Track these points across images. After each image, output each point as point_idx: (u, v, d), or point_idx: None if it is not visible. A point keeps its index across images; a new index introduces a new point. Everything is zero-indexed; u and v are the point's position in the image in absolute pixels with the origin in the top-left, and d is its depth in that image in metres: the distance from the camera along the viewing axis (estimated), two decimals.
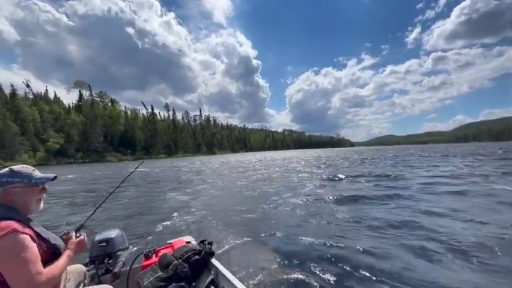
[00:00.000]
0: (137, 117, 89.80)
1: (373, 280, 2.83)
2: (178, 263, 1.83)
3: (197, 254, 1.97)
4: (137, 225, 5.80)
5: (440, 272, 2.94)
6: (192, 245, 2.11)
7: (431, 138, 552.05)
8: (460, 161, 19.71)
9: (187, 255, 1.92)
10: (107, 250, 1.99)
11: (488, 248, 3.46)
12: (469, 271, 2.94)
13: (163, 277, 1.73)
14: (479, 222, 4.59)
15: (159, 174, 18.98)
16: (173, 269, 1.78)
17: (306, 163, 25.17)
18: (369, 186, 9.09)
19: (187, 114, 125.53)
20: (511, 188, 7.59)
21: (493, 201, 6.11)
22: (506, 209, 5.48)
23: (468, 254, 3.30)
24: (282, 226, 5.01)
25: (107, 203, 7.37)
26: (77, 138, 65.11)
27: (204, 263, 2.00)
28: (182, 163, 37.57)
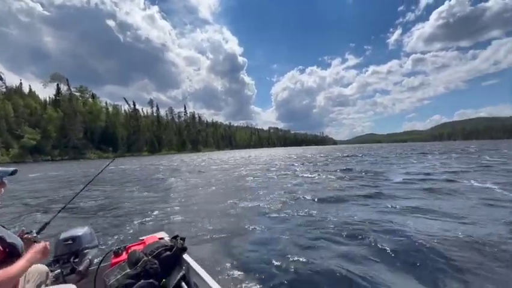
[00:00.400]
0: (119, 113, 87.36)
1: (340, 276, 2.93)
2: (148, 259, 1.80)
3: (168, 250, 1.96)
4: (109, 223, 5.77)
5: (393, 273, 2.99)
6: (164, 241, 2.11)
7: (410, 137, 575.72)
8: (433, 158, 21.21)
9: (157, 251, 1.90)
10: (72, 248, 1.91)
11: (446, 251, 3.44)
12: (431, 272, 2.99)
13: (131, 274, 1.69)
14: (447, 220, 4.77)
15: (135, 173, 18.86)
16: (142, 266, 1.75)
17: (289, 160, 25.94)
18: (347, 183, 9.56)
19: (172, 110, 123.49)
20: (478, 183, 8.56)
21: (463, 199, 6.48)
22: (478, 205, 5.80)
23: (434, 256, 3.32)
24: (256, 223, 5.14)
25: (79, 202, 7.59)
26: (54, 134, 62.57)
27: (176, 258, 1.99)
28: (161, 161, 37.26)
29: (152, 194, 9.44)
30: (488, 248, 3.51)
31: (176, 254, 1.98)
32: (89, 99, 79.97)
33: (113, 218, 6.26)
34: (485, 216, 4.94)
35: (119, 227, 5.40)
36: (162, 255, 1.89)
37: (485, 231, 4.15)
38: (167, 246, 1.98)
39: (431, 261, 3.19)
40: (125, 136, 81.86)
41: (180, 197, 8.45)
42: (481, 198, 6.47)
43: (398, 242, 3.76)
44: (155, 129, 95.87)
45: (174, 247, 1.99)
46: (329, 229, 4.50)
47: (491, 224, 4.50)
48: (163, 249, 1.93)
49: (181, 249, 2.04)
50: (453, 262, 3.14)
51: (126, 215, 6.49)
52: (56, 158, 59.70)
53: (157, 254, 1.88)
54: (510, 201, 6.11)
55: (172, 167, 23.86)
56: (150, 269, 1.75)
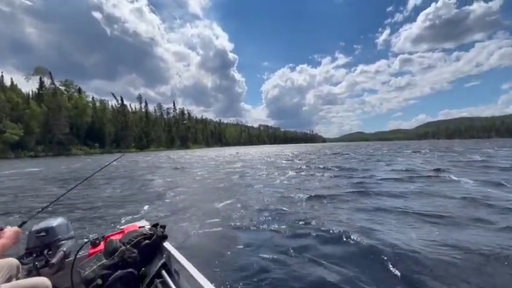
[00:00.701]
0: (106, 108, 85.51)
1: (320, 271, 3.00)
2: (126, 248, 1.76)
3: (147, 239, 1.93)
4: (87, 214, 5.72)
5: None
6: (143, 229, 2.06)
7: (396, 136, 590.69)
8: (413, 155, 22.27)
9: (136, 240, 1.87)
10: (46, 240, 1.83)
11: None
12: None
13: (107, 264, 1.65)
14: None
15: (120, 169, 18.82)
16: (120, 256, 1.70)
17: (277, 158, 26.50)
18: (332, 181, 9.77)
19: (160, 106, 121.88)
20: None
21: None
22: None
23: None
24: (238, 216, 5.29)
25: (62, 200, 7.52)
26: (38, 129, 60.71)
27: (156, 247, 1.96)
28: (147, 158, 37.10)
29: (135, 188, 9.63)
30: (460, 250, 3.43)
31: (156, 242, 1.96)
32: (75, 93, 77.79)
33: (93, 209, 6.22)
34: (464, 214, 4.98)
35: (98, 218, 5.35)
36: (141, 244, 1.86)
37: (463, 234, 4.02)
38: (147, 234, 1.95)
39: (405, 264, 3.10)
40: (112, 132, 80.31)
41: (164, 190, 8.67)
42: (461, 195, 6.54)
43: (375, 243, 3.64)
44: (143, 126, 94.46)
45: (154, 235, 1.97)
46: (307, 226, 4.55)
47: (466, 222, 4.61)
48: (142, 238, 1.90)
49: (161, 237, 2.01)
50: (427, 263, 3.10)
51: (107, 206, 6.52)
52: (40, 154, 58.00)
53: (136, 243, 1.85)
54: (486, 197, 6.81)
55: (157, 163, 23.95)
56: (128, 258, 1.71)
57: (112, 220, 5.25)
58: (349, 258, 3.31)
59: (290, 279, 2.87)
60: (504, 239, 3.75)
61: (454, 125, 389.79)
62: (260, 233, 4.36)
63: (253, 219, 5.12)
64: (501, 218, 4.72)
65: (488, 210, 5.25)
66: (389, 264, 3.09)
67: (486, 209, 5.32)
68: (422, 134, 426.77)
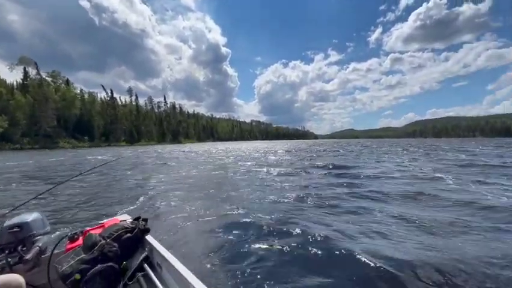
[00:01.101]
0: (95, 100, 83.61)
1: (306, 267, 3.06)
2: (106, 242, 1.73)
3: (129, 232, 1.90)
4: (66, 208, 5.58)
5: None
6: (124, 223, 2.04)
7: (386, 133, 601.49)
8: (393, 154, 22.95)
9: (117, 233, 1.84)
10: (20, 236, 1.73)
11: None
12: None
13: (86, 259, 1.60)
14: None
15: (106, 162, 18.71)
16: (100, 250, 1.66)
17: (266, 154, 26.80)
18: (318, 177, 10.09)
19: (151, 100, 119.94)
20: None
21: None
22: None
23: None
24: (224, 209, 5.37)
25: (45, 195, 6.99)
26: (23, 121, 58.94)
27: (137, 240, 1.94)
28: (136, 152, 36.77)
29: (117, 183, 9.56)
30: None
31: (137, 236, 1.94)
32: (62, 85, 75.61)
33: (71, 205, 6.05)
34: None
35: (77, 213, 5.20)
36: (122, 238, 1.84)
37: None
38: (128, 228, 1.94)
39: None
40: (101, 125, 78.76)
41: (146, 185, 8.73)
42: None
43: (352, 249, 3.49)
44: (134, 119, 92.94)
45: (136, 229, 1.96)
46: (291, 222, 4.58)
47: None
48: (124, 231, 1.88)
49: (143, 230, 2.00)
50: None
51: (86, 202, 6.32)
52: (25, 146, 56.48)
53: (117, 237, 1.82)
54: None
55: (143, 157, 23.86)
56: (109, 252, 1.68)
57: (92, 215, 5.10)
58: (329, 258, 3.28)
59: (273, 272, 2.94)
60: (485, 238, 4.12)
61: (441, 124, 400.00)
62: (243, 226, 4.41)
63: (237, 213, 5.20)
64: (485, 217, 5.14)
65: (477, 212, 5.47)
66: (368, 267, 2.99)
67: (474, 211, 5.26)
68: (411, 132, 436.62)
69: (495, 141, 61.01)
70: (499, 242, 3.75)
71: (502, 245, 3.67)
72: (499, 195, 6.51)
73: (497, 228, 4.31)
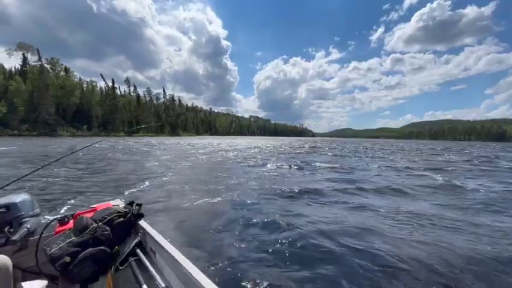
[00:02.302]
0: (94, 90, 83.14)
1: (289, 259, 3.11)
2: (98, 225, 1.68)
3: (122, 216, 1.86)
4: (58, 192, 5.51)
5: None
6: (117, 207, 1.99)
7: (383, 134, 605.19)
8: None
9: (109, 217, 1.80)
10: (6, 217, 1.67)
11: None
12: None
13: (77, 242, 1.54)
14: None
15: (105, 151, 19.14)
16: (91, 233, 1.61)
17: (263, 154, 27.09)
18: (303, 174, 10.11)
19: (150, 91, 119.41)
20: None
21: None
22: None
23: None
24: (217, 196, 5.55)
25: (33, 179, 6.90)
26: (22, 108, 58.65)
27: (130, 225, 1.91)
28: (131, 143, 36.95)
29: (110, 169, 9.70)
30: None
31: (130, 220, 1.91)
32: (62, 72, 74.99)
33: (63, 189, 5.90)
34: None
35: (68, 197, 5.10)
36: (115, 222, 1.80)
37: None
38: (121, 212, 1.90)
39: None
40: (101, 115, 78.50)
41: (141, 173, 8.94)
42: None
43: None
44: (133, 110, 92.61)
45: (129, 213, 1.92)
46: (285, 215, 4.64)
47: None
48: (116, 216, 1.84)
49: (137, 215, 1.96)
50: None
51: (79, 186, 6.20)
52: (23, 133, 56.31)
53: (109, 221, 1.78)
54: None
55: (138, 147, 24.10)
56: (101, 235, 1.63)
57: (84, 199, 4.99)
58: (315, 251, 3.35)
59: (266, 259, 3.05)
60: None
61: (438, 126, 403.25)
62: (235, 212, 4.60)
63: (229, 200, 5.41)
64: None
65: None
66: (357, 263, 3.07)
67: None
68: (407, 134, 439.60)
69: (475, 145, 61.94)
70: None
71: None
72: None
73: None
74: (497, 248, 3.55)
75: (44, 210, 4.19)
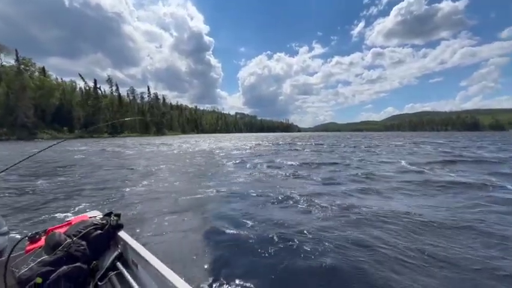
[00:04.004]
0: (75, 90, 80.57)
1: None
2: (72, 241, 1.56)
3: (99, 229, 1.77)
4: (27, 206, 5.08)
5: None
6: (94, 219, 1.89)
7: (366, 127, 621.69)
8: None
9: (85, 231, 1.69)
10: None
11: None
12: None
13: (49, 261, 1.41)
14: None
15: (69, 156, 18.13)
16: (65, 250, 1.49)
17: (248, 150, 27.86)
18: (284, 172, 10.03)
19: (133, 90, 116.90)
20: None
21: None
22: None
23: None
24: (200, 203, 5.27)
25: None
26: None
27: (109, 237, 1.82)
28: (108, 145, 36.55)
29: (87, 176, 8.89)
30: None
31: (109, 232, 1.82)
32: (36, 73, 71.97)
33: (32, 201, 5.50)
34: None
35: (39, 211, 4.67)
36: (92, 235, 1.70)
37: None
38: (98, 224, 1.80)
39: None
40: (82, 116, 76.36)
41: (119, 179, 8.23)
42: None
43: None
44: (116, 110, 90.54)
45: (107, 225, 1.83)
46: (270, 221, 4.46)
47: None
48: (93, 229, 1.74)
49: (116, 226, 1.87)
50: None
51: (51, 197, 5.72)
52: (1, 137, 54.05)
53: (85, 235, 1.67)
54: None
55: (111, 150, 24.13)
56: (76, 251, 1.52)
57: (57, 212, 4.56)
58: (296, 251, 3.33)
59: (253, 270, 2.91)
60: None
61: (417, 118, 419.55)
62: (221, 220, 4.34)
63: (214, 207, 5.14)
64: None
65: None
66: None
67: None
68: (389, 126, 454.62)
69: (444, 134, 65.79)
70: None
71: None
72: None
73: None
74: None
75: (12, 228, 3.89)
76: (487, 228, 4.03)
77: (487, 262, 3.05)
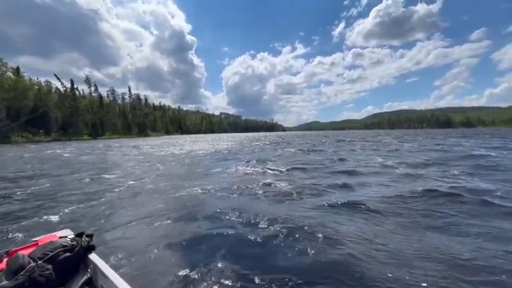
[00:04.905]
0: (51, 91, 76.70)
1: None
2: (37, 265, 1.44)
3: (68, 251, 1.65)
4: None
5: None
6: (63, 240, 1.76)
7: (348, 125, 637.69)
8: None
9: (52, 253, 1.56)
10: None
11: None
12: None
13: (8, 287, 1.29)
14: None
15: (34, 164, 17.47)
16: (27, 274, 1.36)
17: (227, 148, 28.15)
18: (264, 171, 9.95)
19: (113, 91, 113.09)
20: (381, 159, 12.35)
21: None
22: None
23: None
24: (179, 216, 4.83)
25: None
26: None
27: (79, 260, 1.72)
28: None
29: (55, 188, 7.75)
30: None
31: (79, 254, 1.71)
32: (8, 73, 67.82)
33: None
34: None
35: (3, 227, 4.32)
36: (59, 258, 1.58)
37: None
38: (68, 246, 1.68)
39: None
40: (60, 118, 72.90)
41: (92, 191, 7.26)
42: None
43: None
44: (96, 111, 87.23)
45: (77, 246, 1.72)
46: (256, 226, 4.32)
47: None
48: (62, 251, 1.62)
49: (87, 248, 1.77)
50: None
51: (15, 213, 5.19)
52: None
53: (52, 257, 1.55)
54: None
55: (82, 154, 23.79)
56: (40, 276, 1.41)
57: (22, 231, 4.14)
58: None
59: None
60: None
61: (396, 116, 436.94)
62: (203, 238, 3.93)
63: (197, 224, 4.55)
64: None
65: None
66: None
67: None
68: (369, 124, 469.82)
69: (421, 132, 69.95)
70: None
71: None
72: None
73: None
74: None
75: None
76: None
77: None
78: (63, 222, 4.67)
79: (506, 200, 5.29)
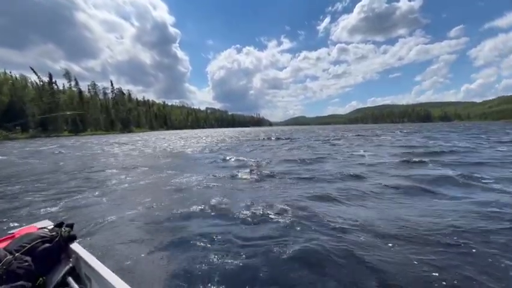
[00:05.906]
0: (27, 85, 73.17)
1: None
2: (14, 257, 1.39)
3: (47, 242, 1.60)
4: None
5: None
6: (41, 231, 1.72)
7: (333, 120, 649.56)
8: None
9: (30, 245, 1.51)
10: None
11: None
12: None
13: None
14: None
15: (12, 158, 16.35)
16: (4, 267, 1.31)
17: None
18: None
19: (95, 85, 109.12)
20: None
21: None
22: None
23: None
24: (162, 207, 4.87)
25: None
26: None
27: (59, 250, 1.67)
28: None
29: (34, 181, 7.90)
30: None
31: (59, 245, 1.68)
32: None
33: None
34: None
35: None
36: (38, 249, 1.55)
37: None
38: (46, 237, 1.65)
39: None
40: (37, 114, 69.88)
41: (72, 183, 7.46)
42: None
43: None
44: (76, 107, 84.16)
45: (57, 237, 1.69)
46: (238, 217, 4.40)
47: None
48: (40, 242, 1.59)
49: (68, 238, 1.75)
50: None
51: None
52: None
53: (31, 249, 1.51)
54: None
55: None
56: (18, 268, 1.35)
57: (1, 223, 4.12)
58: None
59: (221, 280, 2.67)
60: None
61: (379, 111, 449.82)
62: (188, 225, 4.03)
63: (181, 212, 4.69)
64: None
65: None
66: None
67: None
68: (354, 119, 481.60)
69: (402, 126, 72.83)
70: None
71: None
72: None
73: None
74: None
75: None
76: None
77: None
78: (43, 215, 4.57)
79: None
